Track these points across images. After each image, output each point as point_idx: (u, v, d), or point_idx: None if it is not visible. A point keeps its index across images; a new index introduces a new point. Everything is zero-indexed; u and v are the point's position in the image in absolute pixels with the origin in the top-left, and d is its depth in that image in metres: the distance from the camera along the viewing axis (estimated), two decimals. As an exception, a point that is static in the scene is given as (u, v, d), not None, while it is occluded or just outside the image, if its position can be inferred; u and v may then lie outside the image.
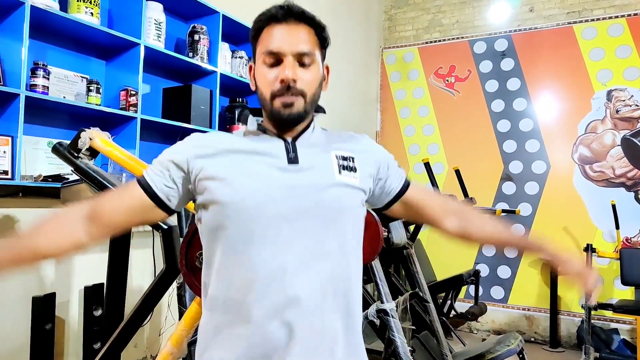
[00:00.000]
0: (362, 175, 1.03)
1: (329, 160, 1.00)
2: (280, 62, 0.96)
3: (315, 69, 1.00)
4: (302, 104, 0.97)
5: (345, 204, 0.99)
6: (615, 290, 4.24)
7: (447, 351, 2.58)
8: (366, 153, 1.07)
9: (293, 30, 0.97)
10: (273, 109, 0.97)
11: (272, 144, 1.00)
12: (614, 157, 4.35)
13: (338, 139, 1.07)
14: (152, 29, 2.51)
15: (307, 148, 1.00)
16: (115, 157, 1.63)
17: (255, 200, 0.92)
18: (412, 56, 5.30)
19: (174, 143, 1.03)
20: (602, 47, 4.45)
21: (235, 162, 0.96)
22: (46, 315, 2.15)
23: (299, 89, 0.96)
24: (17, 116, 1.97)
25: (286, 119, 0.97)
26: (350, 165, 1.01)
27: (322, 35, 1.02)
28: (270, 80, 0.96)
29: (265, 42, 0.98)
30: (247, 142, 1.01)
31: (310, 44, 0.98)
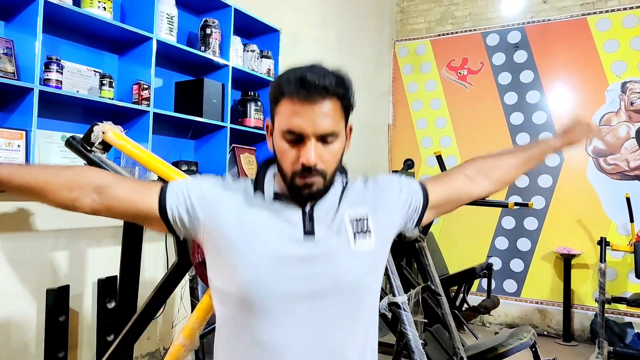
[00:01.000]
0: (378, 235, 1.00)
1: (343, 227, 0.97)
2: (301, 139, 0.91)
3: (338, 144, 0.96)
4: (322, 183, 0.94)
5: (362, 277, 0.98)
6: (630, 283, 4.20)
7: (459, 344, 2.57)
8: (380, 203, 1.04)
9: (317, 108, 0.90)
10: (294, 186, 0.94)
11: (289, 215, 0.96)
12: (629, 150, 4.29)
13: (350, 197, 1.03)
14: (164, 23, 2.52)
15: (323, 216, 0.97)
16: (128, 150, 1.64)
17: (269, 278, 0.91)
18: (424, 49, 5.26)
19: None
20: (616, 38, 4.38)
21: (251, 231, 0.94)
22: (60, 307, 2.18)
23: (320, 169, 0.92)
24: (31, 110, 1.99)
25: (305, 197, 0.95)
26: (364, 229, 0.98)
27: (347, 104, 0.97)
28: (291, 159, 0.92)
29: (286, 117, 0.91)
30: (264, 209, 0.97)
31: (335, 120, 0.93)
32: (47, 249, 2.26)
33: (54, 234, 2.28)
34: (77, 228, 2.38)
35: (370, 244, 0.98)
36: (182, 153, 2.88)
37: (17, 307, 2.14)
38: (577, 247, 4.39)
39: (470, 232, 4.86)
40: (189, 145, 2.92)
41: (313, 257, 0.93)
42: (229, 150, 2.86)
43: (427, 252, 2.75)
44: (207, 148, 2.91)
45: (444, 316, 2.64)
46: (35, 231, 2.21)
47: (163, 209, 0.97)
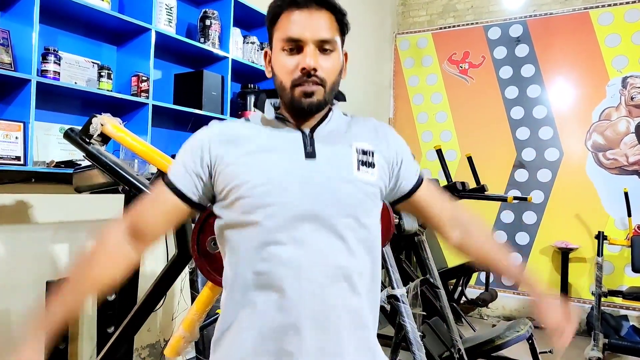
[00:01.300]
0: (380, 171, 1.01)
1: (348, 153, 0.98)
2: (300, 49, 0.94)
3: (336, 57, 0.97)
4: (322, 93, 0.95)
5: (362, 201, 0.97)
6: (626, 277, 4.22)
7: (457, 337, 2.58)
8: (387, 147, 1.04)
9: (314, 16, 0.94)
10: (293, 98, 0.95)
11: (290, 137, 0.97)
12: (628, 145, 4.29)
13: (359, 128, 1.04)
14: (163, 14, 2.50)
15: (325, 140, 0.98)
16: (127, 143, 1.63)
17: (271, 199, 0.91)
18: (425, 42, 5.23)
19: (185, 129, 1.03)
20: (618, 33, 4.36)
21: (253, 156, 0.94)
22: (60, 299, 2.18)
23: (320, 77, 0.94)
24: (29, 102, 1.98)
25: (306, 108, 0.95)
26: (369, 161, 0.99)
27: (343, 22, 0.99)
28: (290, 68, 0.94)
29: (284, 28, 0.95)
30: (264, 134, 0.98)
31: (332, 30, 0.95)
32: (47, 241, 2.26)
33: (53, 226, 2.28)
34: (77, 220, 2.38)
35: (373, 178, 0.98)
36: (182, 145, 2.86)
37: (18, 300, 2.14)
38: (575, 241, 4.40)
39: (469, 225, 4.87)
40: (188, 137, 2.90)
41: (315, 178, 0.94)
42: (228, 142, 2.85)
43: (426, 245, 2.75)
44: (206, 140, 2.90)
45: (442, 309, 2.65)
46: (35, 223, 2.21)
47: (182, 196, 0.97)
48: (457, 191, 2.85)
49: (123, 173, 1.62)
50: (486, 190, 3.39)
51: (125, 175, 1.61)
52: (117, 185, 1.67)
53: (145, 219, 1.00)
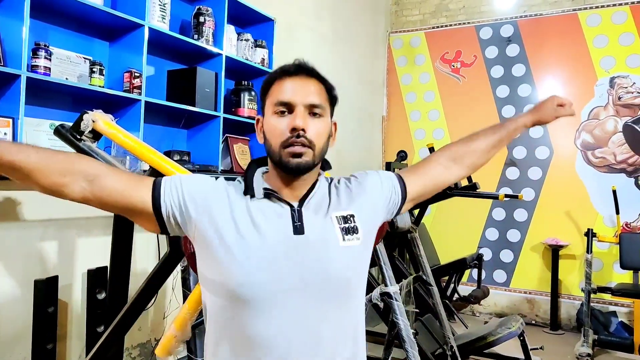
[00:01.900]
0: (364, 232, 1.02)
1: (332, 226, 0.99)
2: (291, 112, 0.97)
3: (325, 122, 1.00)
4: (311, 155, 0.97)
5: (352, 271, 0.99)
6: (614, 273, 4.27)
7: (449, 334, 2.59)
8: (364, 201, 1.07)
9: (305, 83, 0.99)
10: (282, 159, 0.96)
11: (279, 212, 0.98)
12: (616, 144, 4.35)
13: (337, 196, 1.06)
14: (156, 10, 2.47)
15: (312, 213, 1.00)
16: (119, 139, 1.61)
17: (260, 276, 0.91)
18: (418, 41, 5.25)
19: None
20: (605, 34, 4.42)
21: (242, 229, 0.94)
22: (49, 298, 2.15)
23: (309, 138, 0.96)
24: (18, 97, 1.94)
25: (294, 168, 0.96)
26: (352, 227, 1.01)
27: (332, 93, 1.03)
28: (281, 129, 0.96)
29: (276, 93, 0.98)
30: (254, 207, 0.98)
31: (321, 97, 1.00)
32: (35, 239, 2.23)
33: (42, 224, 2.25)
34: (67, 218, 2.35)
35: (358, 240, 1.01)
36: (175, 142, 2.85)
37: (5, 298, 2.11)
38: (565, 238, 4.44)
39: (461, 223, 4.90)
40: (181, 134, 2.89)
41: (303, 252, 0.94)
42: (222, 140, 2.84)
43: (419, 242, 2.76)
44: (199, 138, 2.88)
45: (435, 306, 2.66)
46: (23, 221, 2.18)
47: (157, 203, 0.96)
48: (449, 189, 2.86)
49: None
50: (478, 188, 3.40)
51: (117, 172, 1.59)
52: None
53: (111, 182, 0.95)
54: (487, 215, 4.84)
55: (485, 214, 4.85)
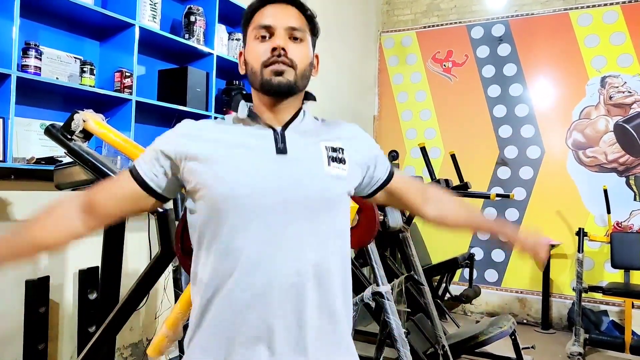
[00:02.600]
0: (351, 167, 1.02)
1: (319, 151, 0.99)
2: (271, 36, 0.98)
3: (306, 47, 1.01)
4: (293, 75, 0.97)
5: (333, 196, 0.99)
6: (606, 273, 4.30)
7: (441, 333, 2.61)
8: (356, 144, 1.07)
9: (285, 9, 1.00)
10: (263, 78, 0.97)
11: (261, 133, 0.99)
12: (607, 143, 4.38)
13: (328, 128, 1.07)
14: (147, 9, 2.47)
15: (296, 137, 0.99)
16: (110, 139, 1.61)
17: (241, 192, 0.92)
18: (410, 40, 5.26)
19: (170, 126, 1.02)
20: (597, 33, 4.45)
21: (223, 152, 0.95)
22: (40, 298, 2.15)
23: (290, 58, 0.97)
24: (9, 97, 1.94)
25: (276, 87, 0.96)
26: (340, 157, 1.01)
27: (313, 22, 1.05)
28: (261, 51, 0.97)
29: (257, 20, 1.00)
30: (235, 131, 1.00)
31: (301, 22, 1.01)
32: (26, 239, 2.22)
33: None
34: (58, 218, 2.34)
35: (344, 172, 1.01)
36: (165, 142, 2.84)
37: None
38: (556, 237, 4.47)
39: (452, 223, 4.91)
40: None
41: (286, 173, 0.95)
42: (212, 139, 2.83)
43: (411, 242, 2.77)
44: (190, 137, 2.88)
45: (426, 305, 2.67)
46: (14, 221, 2.17)
47: (142, 182, 0.98)
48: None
49: (105, 170, 1.59)
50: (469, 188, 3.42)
51: (107, 172, 1.59)
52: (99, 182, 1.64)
53: (101, 197, 1.00)
54: (479, 215, 4.86)
55: (477, 214, 4.87)
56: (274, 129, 0.99)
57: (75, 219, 0.98)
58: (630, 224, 4.27)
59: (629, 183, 4.30)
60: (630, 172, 4.29)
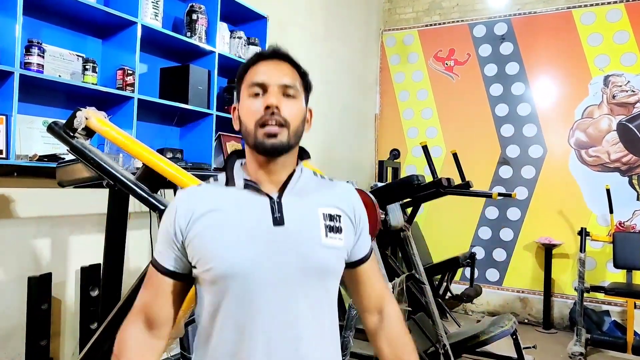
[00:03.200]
0: (347, 236, 1.03)
1: (316, 220, 1.00)
2: (265, 94, 0.98)
3: (299, 103, 1.01)
4: (286, 135, 0.96)
5: (330, 266, 1.00)
6: (608, 273, 4.30)
7: (442, 332, 2.61)
8: (351, 210, 1.07)
9: (278, 66, 1.00)
10: (257, 139, 0.96)
11: (257, 201, 0.98)
12: (610, 142, 4.37)
13: (325, 190, 1.06)
14: (149, 7, 2.47)
15: (293, 203, 0.99)
16: (112, 137, 1.61)
17: (238, 268, 0.93)
18: (411, 39, 5.26)
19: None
20: (600, 32, 4.43)
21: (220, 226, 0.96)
22: (42, 295, 2.15)
23: (283, 117, 0.96)
24: (12, 95, 1.94)
25: (270, 149, 0.96)
26: (337, 226, 1.01)
27: (306, 79, 1.04)
28: (255, 109, 0.97)
29: (250, 77, 1.00)
30: (231, 200, 0.99)
31: (294, 79, 1.01)
32: (29, 236, 2.22)
33: (36, 221, 2.25)
34: (60, 215, 2.35)
35: (340, 243, 1.01)
36: (167, 140, 2.85)
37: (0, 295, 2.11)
38: (558, 237, 4.47)
39: (454, 222, 4.92)
40: (174, 132, 2.89)
41: (283, 246, 0.95)
42: (214, 137, 2.84)
43: (412, 241, 2.77)
44: (192, 135, 2.89)
45: (427, 304, 2.67)
46: (17, 218, 2.18)
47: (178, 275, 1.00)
48: (443, 187, 2.87)
49: (108, 167, 1.60)
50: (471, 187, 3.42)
51: (109, 169, 1.59)
52: (102, 179, 1.65)
53: (155, 310, 1.01)
54: (480, 214, 4.86)
55: (478, 213, 4.87)
56: (270, 197, 0.99)
57: (150, 341, 1.00)
58: (633, 224, 4.26)
59: (632, 182, 4.29)
60: (633, 171, 4.28)
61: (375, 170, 5.25)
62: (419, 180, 2.42)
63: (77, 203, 2.40)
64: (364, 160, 5.21)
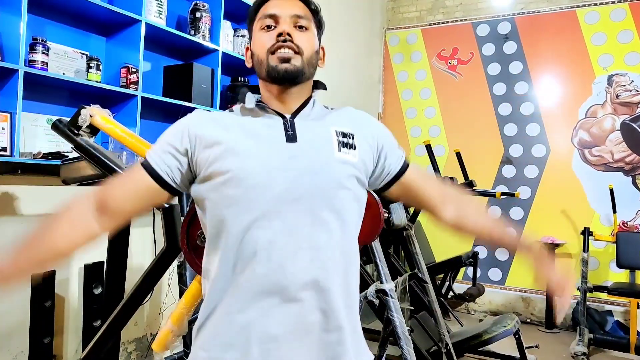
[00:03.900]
0: (362, 153, 1.01)
1: (329, 136, 0.98)
2: (277, 26, 0.98)
3: (311, 35, 1.01)
4: (300, 61, 0.97)
5: (344, 180, 0.97)
6: (611, 272, 4.28)
7: (444, 331, 2.60)
8: (367, 131, 1.05)
9: (289, 1, 1.01)
10: (269, 65, 0.96)
11: (270, 122, 0.98)
12: (613, 142, 4.35)
13: (338, 114, 1.06)
14: (153, 5, 2.47)
15: (306, 124, 0.99)
16: (116, 134, 1.61)
17: (253, 182, 0.91)
18: (415, 38, 5.25)
19: (175, 122, 1.02)
20: (604, 31, 4.42)
21: (236, 141, 0.94)
22: (46, 292, 2.16)
23: (296, 44, 0.97)
24: (16, 92, 1.95)
25: (283, 73, 0.96)
26: (350, 143, 0.99)
27: (317, 16, 1.05)
28: (267, 40, 0.98)
29: (262, 12, 1.01)
30: (245, 121, 0.99)
31: (306, 12, 1.01)
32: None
33: (39, 219, 2.25)
34: (63, 213, 2.35)
35: (354, 158, 0.99)
36: (171, 138, 2.85)
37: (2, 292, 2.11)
38: (561, 236, 4.46)
39: (457, 221, 4.90)
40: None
41: (296, 161, 0.94)
42: (217, 136, 2.84)
43: (415, 240, 2.77)
44: (196, 134, 2.89)
45: (430, 303, 2.67)
46: (20, 216, 2.18)
47: (156, 176, 0.96)
48: (446, 186, 2.87)
49: (112, 165, 1.60)
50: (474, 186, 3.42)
51: (113, 167, 1.59)
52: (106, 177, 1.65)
53: (115, 195, 0.98)
54: (483, 213, 4.85)
55: (481, 212, 4.85)
56: (283, 117, 0.98)
57: (91, 220, 0.95)
58: (636, 224, 4.25)
59: (635, 182, 4.28)
60: (637, 171, 4.27)
61: (378, 169, 5.24)
62: (423, 179, 2.41)
63: (80, 201, 2.41)
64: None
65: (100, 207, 0.96)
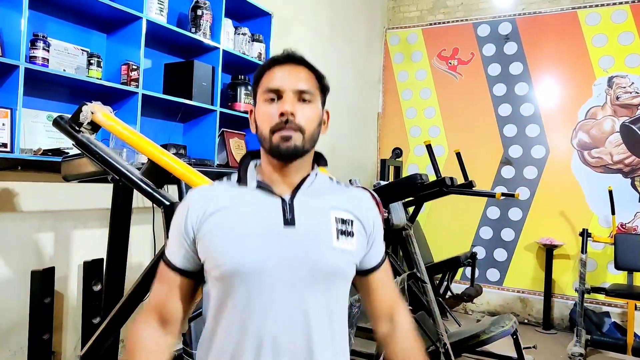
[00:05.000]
0: (358, 242, 1.03)
1: (328, 222, 0.99)
2: (280, 98, 0.98)
3: (315, 108, 1.00)
4: (301, 139, 0.97)
5: (340, 270, 0.99)
6: (609, 274, 4.30)
7: (442, 331, 2.61)
8: (366, 216, 1.06)
9: (293, 71, 1.00)
10: (272, 143, 0.97)
11: (269, 202, 0.99)
12: (613, 144, 4.36)
13: (339, 193, 1.06)
14: (154, 2, 2.47)
15: (306, 204, 0.99)
16: (117, 132, 1.61)
17: (247, 268, 0.93)
18: (415, 37, 5.25)
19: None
20: (605, 33, 4.42)
21: (231, 224, 0.96)
22: (45, 289, 2.16)
23: (298, 123, 0.96)
24: (17, 88, 1.94)
25: (284, 152, 0.96)
26: (348, 230, 1.01)
27: (322, 82, 1.04)
28: (270, 115, 0.97)
29: (266, 82, 1.00)
30: (244, 199, 1.00)
31: (310, 84, 1.00)
32: (32, 230, 2.23)
33: (39, 215, 2.25)
34: (63, 209, 2.35)
35: (352, 247, 1.01)
36: (171, 136, 2.84)
37: (1, 289, 2.11)
38: (559, 238, 4.47)
39: (455, 221, 4.92)
40: (177, 128, 2.89)
41: (293, 247, 0.95)
42: (218, 134, 2.84)
43: (414, 240, 2.77)
44: (196, 131, 2.89)
45: (428, 303, 2.67)
46: (20, 212, 2.18)
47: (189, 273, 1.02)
48: (447, 186, 2.87)
49: (113, 162, 1.60)
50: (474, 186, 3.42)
51: (115, 164, 1.59)
52: (107, 174, 1.65)
53: (167, 306, 1.02)
54: (481, 214, 4.86)
55: (479, 213, 4.87)
56: (282, 199, 0.99)
57: (163, 337, 1.01)
58: (635, 226, 4.26)
59: (634, 184, 4.29)
60: (636, 173, 4.28)
61: (377, 168, 5.25)
62: (423, 179, 2.41)
63: (80, 197, 2.41)
64: (366, 159, 5.21)
65: (163, 323, 1.02)
